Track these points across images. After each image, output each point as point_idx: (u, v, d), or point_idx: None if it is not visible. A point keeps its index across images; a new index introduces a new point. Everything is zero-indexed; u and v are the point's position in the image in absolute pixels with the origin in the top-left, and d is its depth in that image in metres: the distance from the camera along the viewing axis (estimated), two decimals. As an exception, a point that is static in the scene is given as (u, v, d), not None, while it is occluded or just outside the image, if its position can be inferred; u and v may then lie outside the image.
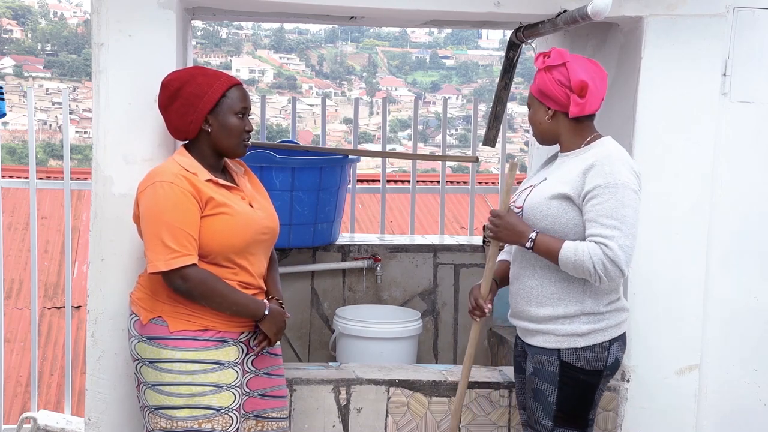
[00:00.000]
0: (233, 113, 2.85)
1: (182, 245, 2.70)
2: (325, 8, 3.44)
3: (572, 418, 2.87)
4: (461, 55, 35.47)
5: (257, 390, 2.95)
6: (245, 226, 2.82)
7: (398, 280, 4.54)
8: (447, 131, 5.08)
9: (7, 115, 4.12)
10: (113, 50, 3.17)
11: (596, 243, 2.73)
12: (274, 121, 18.40)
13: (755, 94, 3.51)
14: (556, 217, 2.82)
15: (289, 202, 4.05)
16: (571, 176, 2.83)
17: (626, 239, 2.74)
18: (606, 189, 2.75)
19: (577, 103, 2.83)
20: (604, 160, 2.79)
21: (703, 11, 3.41)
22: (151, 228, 2.73)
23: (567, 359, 2.85)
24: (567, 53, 2.88)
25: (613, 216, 2.73)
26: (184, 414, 2.75)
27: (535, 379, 2.91)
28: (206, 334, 2.79)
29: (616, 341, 2.88)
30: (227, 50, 33.98)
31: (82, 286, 6.19)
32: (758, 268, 3.58)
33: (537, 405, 2.91)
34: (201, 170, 2.82)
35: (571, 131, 2.91)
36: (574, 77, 2.83)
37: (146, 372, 2.79)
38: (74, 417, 4.36)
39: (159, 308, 2.80)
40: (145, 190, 2.78)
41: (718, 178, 3.51)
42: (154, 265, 2.71)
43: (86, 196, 7.10)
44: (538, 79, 2.89)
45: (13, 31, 33.15)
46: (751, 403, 3.63)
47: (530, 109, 2.97)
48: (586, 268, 2.73)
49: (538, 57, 2.92)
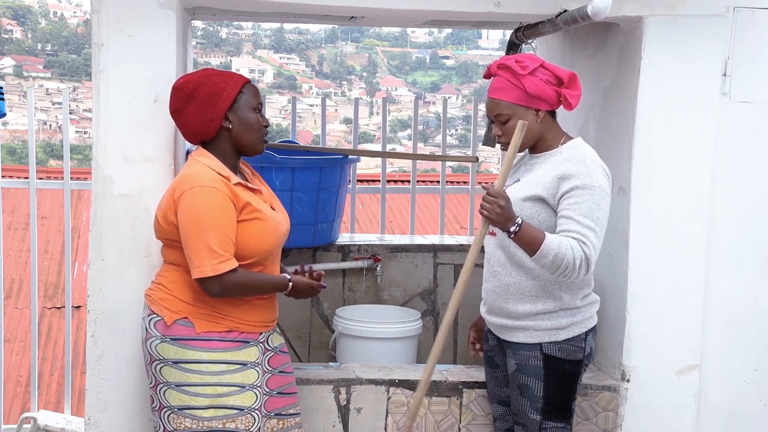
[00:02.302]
0: (251, 109, 2.87)
1: (226, 250, 2.72)
2: (325, 8, 3.44)
3: (558, 409, 2.97)
4: (461, 55, 35.50)
5: (276, 388, 2.99)
6: (275, 229, 2.86)
7: (398, 280, 4.53)
8: (447, 131, 5.08)
9: (7, 115, 4.12)
10: (113, 50, 3.17)
11: (576, 239, 2.77)
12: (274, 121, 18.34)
13: (755, 94, 3.51)
14: (530, 218, 2.85)
15: (289, 202, 4.04)
16: (546, 178, 2.87)
17: (598, 241, 2.81)
18: (584, 190, 2.80)
19: (573, 95, 2.88)
20: (579, 163, 2.85)
21: (703, 11, 3.41)
22: (195, 233, 2.71)
23: (550, 352, 2.93)
24: (534, 55, 2.92)
25: (590, 217, 2.79)
26: (210, 414, 2.76)
27: (520, 375, 2.96)
28: (231, 335, 2.82)
29: (590, 332, 3.00)
30: (227, 50, 34.00)
31: (82, 286, 6.19)
32: (758, 269, 3.58)
33: (524, 401, 2.97)
34: (230, 173, 2.83)
35: (553, 128, 2.96)
36: (562, 72, 2.89)
37: (168, 372, 2.79)
38: (74, 417, 4.35)
39: (185, 309, 2.81)
40: (183, 195, 2.74)
41: (718, 178, 3.51)
42: (201, 271, 2.70)
43: (86, 196, 7.10)
44: (525, 84, 2.85)
45: (13, 31, 33.18)
46: (751, 403, 3.63)
47: (509, 121, 2.87)
48: (567, 261, 2.74)
49: (507, 66, 2.87)
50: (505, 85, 2.89)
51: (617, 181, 3.49)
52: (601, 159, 2.97)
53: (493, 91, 2.93)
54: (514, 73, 2.87)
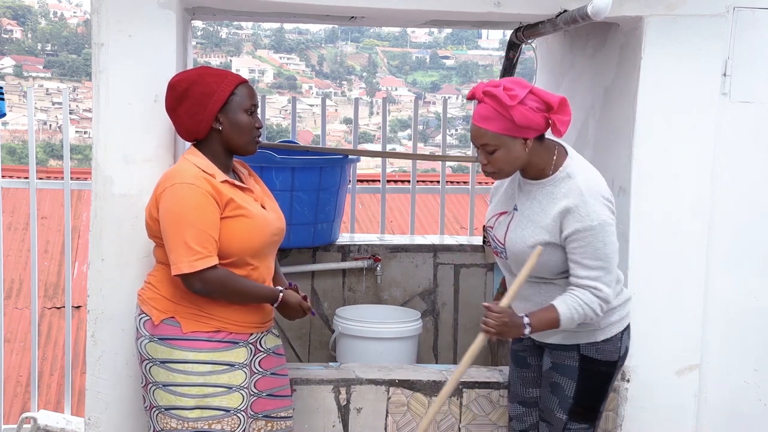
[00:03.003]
0: (243, 110, 2.85)
1: (204, 247, 2.70)
2: (325, 8, 3.44)
3: (586, 410, 2.96)
4: (461, 55, 35.48)
5: (266, 390, 2.96)
6: (262, 227, 2.83)
7: (398, 280, 4.54)
8: (447, 131, 5.09)
9: (7, 115, 4.12)
10: (113, 50, 3.16)
11: (585, 287, 2.78)
12: (274, 121, 18.39)
13: (755, 94, 3.51)
14: (544, 262, 2.82)
15: (289, 202, 4.04)
16: (547, 221, 2.81)
17: (610, 275, 2.82)
18: (585, 233, 2.76)
19: (562, 120, 2.74)
20: (578, 202, 2.76)
21: (703, 11, 3.41)
22: (173, 230, 2.71)
23: (587, 353, 2.92)
24: (522, 80, 2.80)
25: (597, 257, 2.77)
26: (195, 415, 2.76)
27: (554, 374, 2.96)
28: (218, 335, 2.80)
29: (625, 331, 2.98)
30: (227, 50, 33.98)
31: (82, 286, 6.19)
32: (758, 268, 3.58)
33: (553, 398, 2.97)
34: (216, 171, 2.82)
35: (543, 152, 2.83)
36: (551, 98, 2.74)
37: (156, 372, 2.79)
38: (74, 417, 4.35)
39: (172, 309, 2.80)
40: (164, 192, 2.75)
41: (718, 178, 3.51)
42: (178, 267, 2.70)
43: (86, 196, 7.09)
44: (514, 115, 2.69)
45: (13, 31, 33.16)
46: (751, 403, 3.63)
47: (496, 152, 2.77)
48: (587, 316, 2.79)
49: (494, 95, 2.71)
50: (491, 114, 2.73)
51: (617, 181, 3.49)
52: (602, 159, 2.96)
53: (479, 119, 2.77)
54: (502, 103, 2.70)
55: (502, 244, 2.93)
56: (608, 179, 2.99)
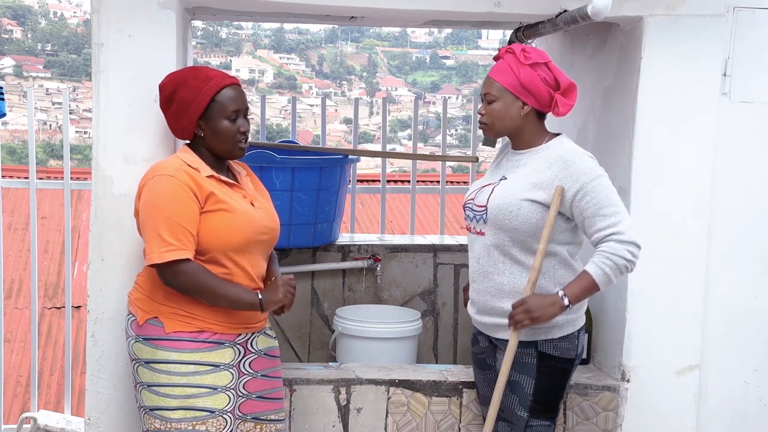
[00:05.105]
0: (224, 117, 2.82)
1: (178, 239, 2.68)
2: (325, 8, 3.44)
3: (546, 407, 2.99)
4: (461, 55, 35.47)
5: (255, 392, 2.94)
6: (245, 224, 2.81)
7: (398, 280, 4.53)
8: (447, 131, 5.08)
9: (7, 115, 4.12)
10: (113, 50, 3.17)
11: (608, 238, 2.82)
12: (274, 121, 18.41)
13: (755, 94, 3.51)
14: (527, 217, 2.88)
15: (289, 202, 4.04)
16: (542, 179, 2.88)
17: (627, 218, 2.88)
18: (591, 184, 2.85)
19: (564, 103, 2.88)
20: (573, 159, 2.88)
21: (703, 11, 3.41)
22: (148, 221, 2.72)
23: (545, 350, 2.95)
24: (544, 53, 2.93)
25: (609, 204, 2.85)
26: (178, 415, 2.74)
27: (512, 372, 2.96)
28: (202, 335, 2.78)
29: (581, 330, 3.02)
30: (227, 50, 33.99)
31: (82, 286, 6.19)
32: (758, 268, 3.58)
33: (513, 397, 2.97)
34: (203, 166, 2.81)
35: (537, 129, 2.98)
36: (563, 78, 2.91)
37: (142, 372, 2.79)
38: (74, 417, 4.35)
39: (156, 309, 2.80)
40: (146, 184, 2.77)
41: (718, 178, 3.51)
42: (149, 258, 2.70)
43: (86, 196, 7.10)
44: (521, 74, 2.89)
45: (13, 31, 33.16)
46: (751, 403, 3.63)
47: (494, 103, 2.94)
48: (622, 267, 2.84)
49: (514, 51, 2.92)
50: (504, 68, 2.93)
51: (617, 181, 3.49)
52: (602, 159, 3.00)
53: (493, 71, 2.97)
54: (516, 60, 2.90)
55: (483, 208, 2.95)
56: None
